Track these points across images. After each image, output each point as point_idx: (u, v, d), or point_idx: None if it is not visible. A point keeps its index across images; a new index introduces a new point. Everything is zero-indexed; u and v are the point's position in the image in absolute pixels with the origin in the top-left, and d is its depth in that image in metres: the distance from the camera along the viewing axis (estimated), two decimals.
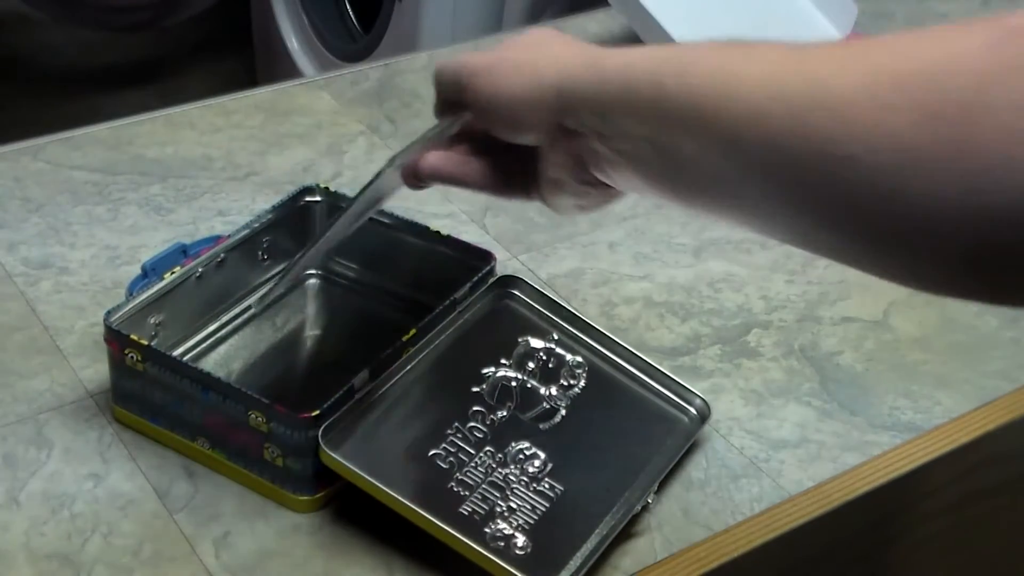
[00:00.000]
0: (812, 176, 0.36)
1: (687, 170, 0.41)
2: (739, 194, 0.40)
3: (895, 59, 0.36)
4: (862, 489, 0.63)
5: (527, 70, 0.46)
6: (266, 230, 0.68)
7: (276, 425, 0.56)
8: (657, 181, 0.43)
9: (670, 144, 0.41)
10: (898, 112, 0.34)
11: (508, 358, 0.63)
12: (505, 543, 0.54)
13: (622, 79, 0.42)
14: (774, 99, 0.37)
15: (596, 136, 0.43)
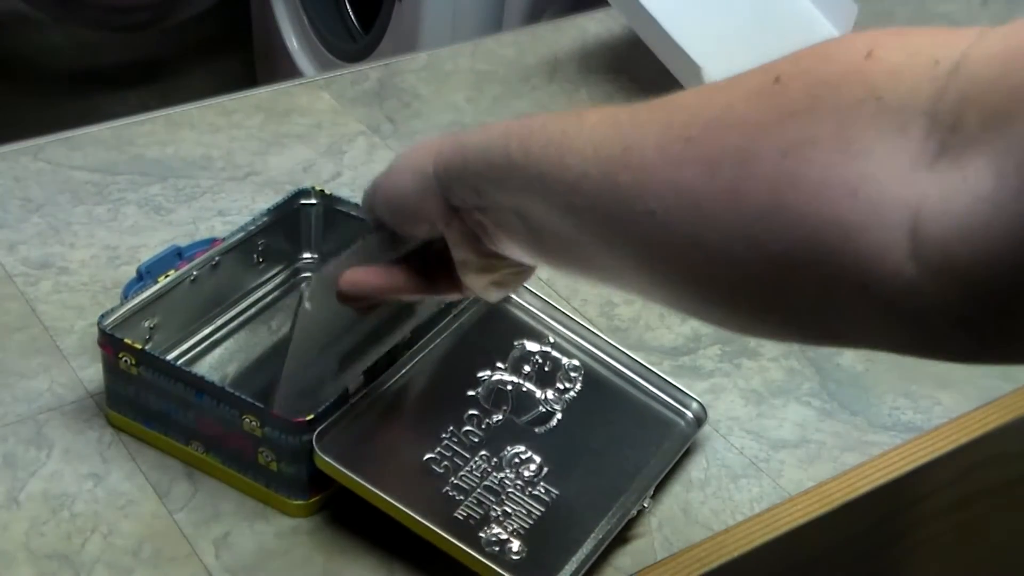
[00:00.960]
0: (629, 234, 0.39)
1: (545, 234, 0.44)
2: (587, 255, 0.43)
3: (688, 114, 0.38)
4: (862, 489, 0.63)
5: (414, 166, 0.49)
6: (261, 233, 0.68)
7: (270, 429, 0.56)
8: (528, 247, 0.46)
9: (526, 210, 0.44)
10: (685, 166, 0.37)
11: (504, 361, 0.63)
12: (500, 548, 0.54)
13: (481, 152, 0.45)
14: (593, 164, 0.40)
15: (475, 209, 0.46)
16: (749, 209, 0.35)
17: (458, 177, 0.46)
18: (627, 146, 0.39)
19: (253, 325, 0.68)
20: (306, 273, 0.72)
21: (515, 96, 0.95)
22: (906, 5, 1.12)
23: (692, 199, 0.36)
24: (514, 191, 0.44)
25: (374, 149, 0.87)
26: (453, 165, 0.46)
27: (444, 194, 0.47)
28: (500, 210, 0.45)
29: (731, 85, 0.38)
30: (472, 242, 0.48)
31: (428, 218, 0.48)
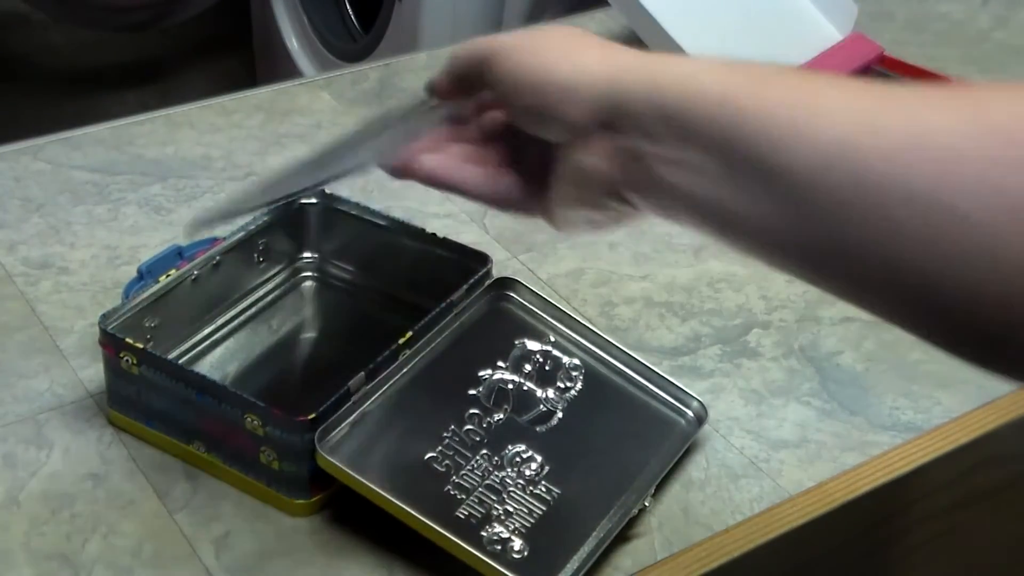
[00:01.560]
0: (907, 223, 0.33)
1: (744, 191, 0.37)
2: (805, 233, 0.36)
3: (1003, 108, 0.33)
4: (862, 489, 0.63)
5: (572, 55, 0.41)
6: (262, 232, 0.68)
7: (272, 428, 0.56)
8: (701, 199, 0.39)
9: (738, 157, 0.37)
10: (1007, 168, 0.32)
11: (504, 361, 0.63)
12: (502, 547, 0.54)
13: (686, 85, 0.38)
14: (866, 129, 0.34)
15: (644, 137, 0.39)
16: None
17: (644, 98, 0.39)
18: (917, 120, 0.34)
19: (254, 324, 0.68)
20: (306, 272, 0.72)
21: None
22: (906, 5, 1.12)
23: (1011, 205, 0.32)
24: (725, 139, 0.37)
25: None
26: (637, 86, 0.39)
27: (607, 107, 0.40)
28: (686, 152, 0.38)
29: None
30: (605, 170, 0.41)
31: (569, 120, 0.41)
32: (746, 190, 0.37)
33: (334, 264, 0.72)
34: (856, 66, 0.94)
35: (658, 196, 0.40)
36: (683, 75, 0.39)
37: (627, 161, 0.40)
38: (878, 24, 1.06)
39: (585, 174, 0.42)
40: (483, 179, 0.47)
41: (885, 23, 1.07)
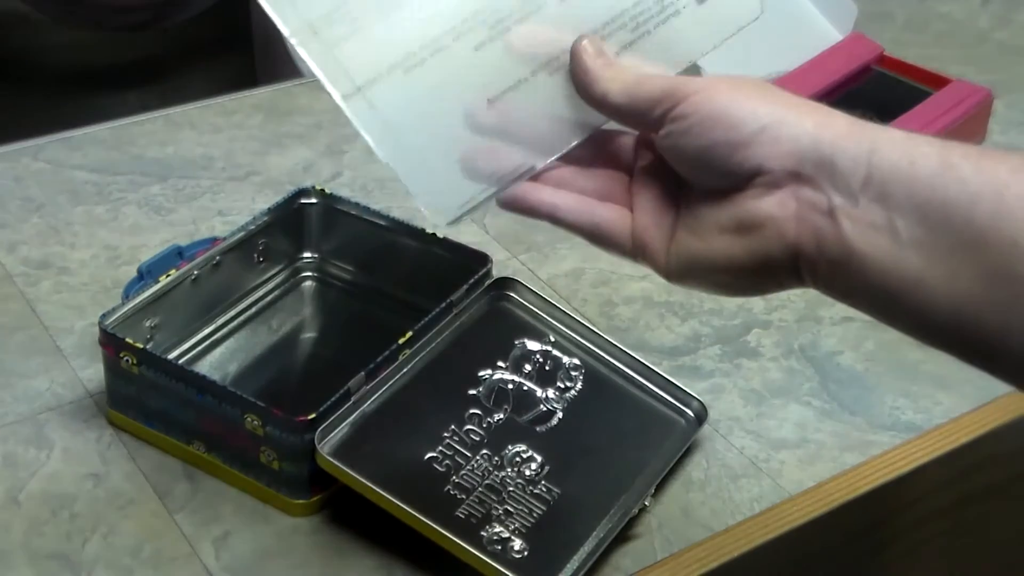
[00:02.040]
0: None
1: (944, 263, 0.35)
2: (1012, 315, 0.34)
3: None
4: (862, 489, 0.63)
5: (777, 100, 0.39)
6: (262, 232, 0.68)
7: (272, 428, 0.56)
8: (890, 267, 0.36)
9: (945, 224, 0.35)
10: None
11: (504, 360, 0.63)
12: (502, 547, 0.54)
13: (904, 149, 0.37)
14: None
15: (844, 194, 0.37)
16: None
17: (854, 157, 0.37)
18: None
19: (254, 324, 0.68)
20: (306, 272, 0.72)
21: None
22: (906, 5, 1.12)
23: None
24: (934, 205, 0.35)
25: None
26: (853, 143, 0.37)
27: (811, 159, 0.38)
28: (883, 216, 0.36)
29: None
30: (782, 222, 0.38)
31: (763, 162, 0.38)
32: (950, 262, 0.35)
33: (334, 264, 0.72)
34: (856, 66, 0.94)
35: (838, 260, 0.38)
36: (902, 141, 0.38)
37: (814, 216, 0.38)
38: (878, 24, 1.05)
39: (758, 224, 0.39)
40: (610, 216, 0.44)
41: (885, 23, 1.07)
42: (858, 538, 0.67)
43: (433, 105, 0.43)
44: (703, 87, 0.40)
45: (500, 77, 0.43)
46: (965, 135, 0.91)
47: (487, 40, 0.43)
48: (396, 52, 0.42)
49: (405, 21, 0.43)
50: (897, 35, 1.05)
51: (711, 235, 0.41)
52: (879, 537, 0.69)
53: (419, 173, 0.43)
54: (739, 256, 0.40)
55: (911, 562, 0.73)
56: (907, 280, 0.36)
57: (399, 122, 0.42)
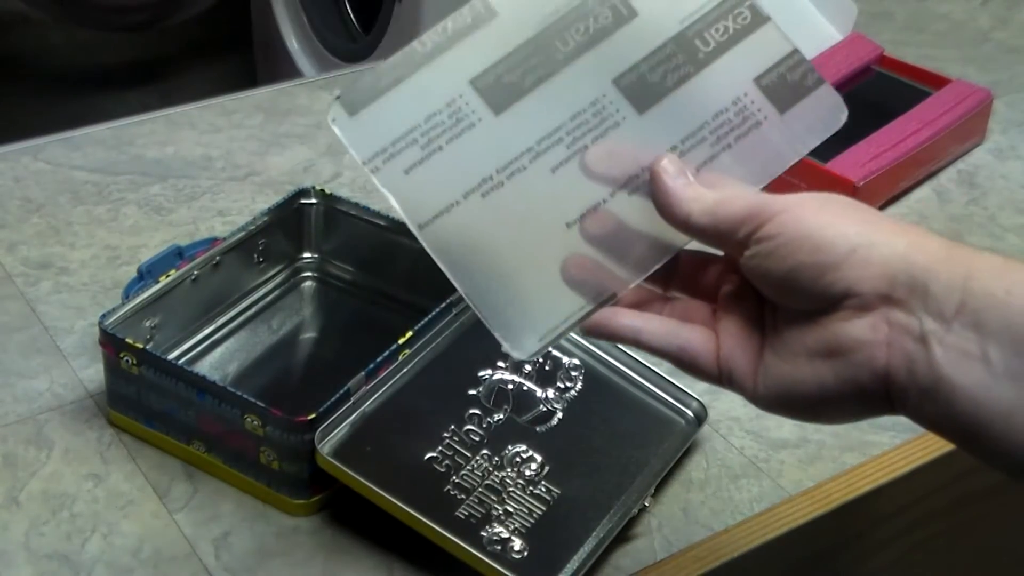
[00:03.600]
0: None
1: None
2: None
3: None
4: (862, 489, 0.63)
5: (865, 220, 0.38)
6: (262, 232, 0.68)
7: (272, 429, 0.56)
8: (980, 396, 0.36)
9: None
10: None
11: (504, 361, 0.63)
12: (502, 547, 0.54)
13: (1000, 277, 0.36)
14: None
15: (936, 318, 0.36)
16: None
17: (948, 282, 0.36)
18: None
19: (254, 324, 0.68)
20: (306, 272, 0.72)
21: None
22: (906, 5, 1.12)
23: None
24: None
25: None
26: (947, 268, 0.37)
27: (903, 283, 0.37)
28: (976, 343, 0.36)
29: None
30: (874, 345, 0.37)
31: (851, 284, 0.37)
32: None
33: (334, 264, 0.72)
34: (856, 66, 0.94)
35: (928, 387, 0.37)
36: (998, 267, 0.37)
37: (905, 341, 0.37)
38: (878, 24, 1.05)
39: (848, 348, 0.38)
40: (696, 339, 0.43)
41: (885, 23, 1.07)
42: (858, 538, 0.67)
43: (511, 231, 0.41)
44: (790, 206, 0.39)
45: (580, 199, 0.42)
46: (965, 135, 0.91)
47: (565, 159, 0.42)
48: (472, 177, 0.41)
49: (479, 143, 0.41)
50: (897, 35, 1.05)
51: (799, 360, 0.40)
52: (879, 537, 0.69)
53: (497, 306, 0.41)
54: (828, 382, 0.39)
55: (911, 563, 0.73)
56: (998, 412, 0.35)
57: (475, 250, 0.41)
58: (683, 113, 0.42)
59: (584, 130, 0.42)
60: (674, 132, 0.42)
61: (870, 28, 1.00)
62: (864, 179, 0.81)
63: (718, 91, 0.43)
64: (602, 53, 0.43)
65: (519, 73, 0.42)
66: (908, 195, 0.87)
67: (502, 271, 0.41)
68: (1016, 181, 0.89)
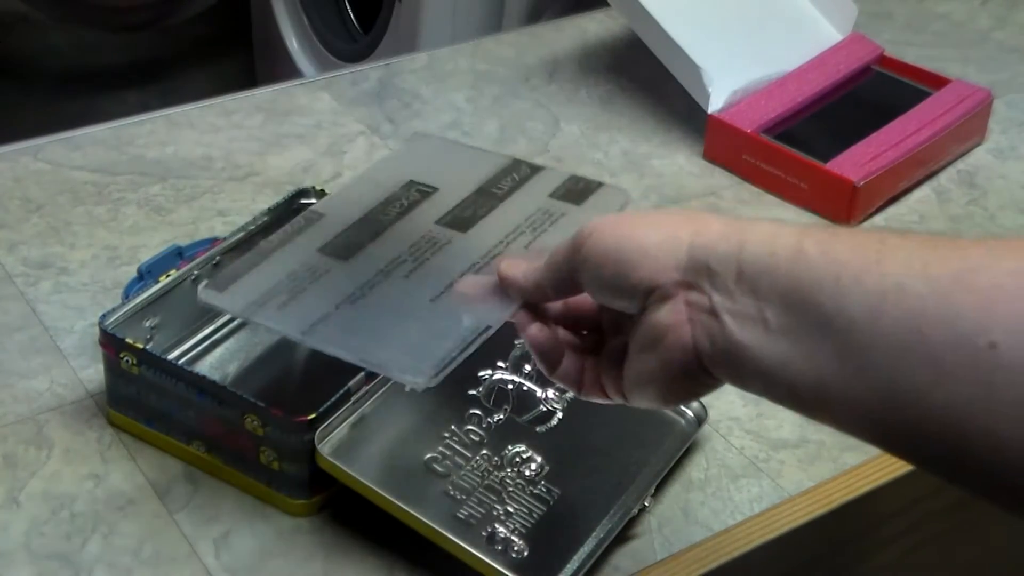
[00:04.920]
0: (950, 364, 0.34)
1: (806, 343, 0.38)
2: (862, 387, 0.37)
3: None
4: (862, 489, 0.63)
5: (661, 224, 0.43)
6: (261, 233, 0.68)
7: (272, 429, 0.56)
8: (766, 354, 0.39)
9: (801, 306, 0.38)
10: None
11: (504, 360, 0.63)
12: (502, 547, 0.54)
13: (765, 242, 0.40)
14: (919, 276, 0.35)
15: (722, 293, 0.40)
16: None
17: (725, 256, 0.40)
18: (970, 267, 0.35)
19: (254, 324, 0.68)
20: None
21: (515, 96, 0.95)
22: (906, 5, 1.12)
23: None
24: (790, 290, 0.38)
25: (374, 149, 0.87)
26: (723, 243, 0.41)
27: (690, 267, 0.41)
28: (754, 306, 0.39)
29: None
30: (680, 327, 0.42)
31: (651, 281, 0.42)
32: (806, 342, 0.38)
33: None
34: (856, 66, 0.94)
35: (727, 352, 0.41)
36: (765, 233, 0.40)
37: (703, 317, 0.41)
38: (878, 24, 1.06)
39: (661, 333, 0.42)
40: (572, 366, 0.48)
41: (885, 23, 1.07)
42: (857, 538, 0.67)
43: (385, 314, 0.49)
44: (595, 228, 0.44)
45: (437, 283, 0.50)
46: (965, 135, 0.91)
47: (414, 268, 0.51)
48: (338, 296, 0.49)
49: (338, 279, 0.50)
50: (897, 35, 1.05)
51: (638, 358, 0.44)
52: (879, 537, 0.69)
53: (389, 359, 0.48)
54: (656, 368, 0.43)
55: (911, 563, 0.73)
56: (776, 364, 0.39)
57: (357, 333, 0.48)
58: (500, 224, 0.53)
59: (422, 251, 0.52)
60: (498, 234, 0.53)
61: (870, 28, 1.00)
62: (864, 179, 0.81)
63: (522, 208, 0.54)
64: (422, 211, 0.54)
65: (356, 236, 0.53)
66: (908, 195, 0.87)
67: (385, 337, 0.48)
68: (1016, 181, 0.89)
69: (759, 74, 0.90)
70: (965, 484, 0.36)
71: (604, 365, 0.48)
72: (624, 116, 0.93)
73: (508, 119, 0.92)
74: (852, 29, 0.96)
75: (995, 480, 0.35)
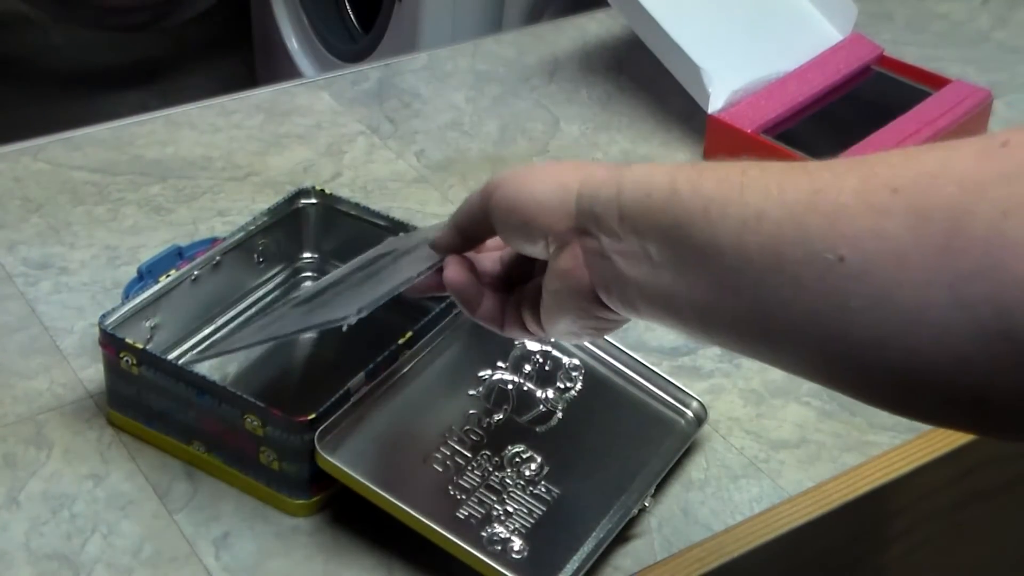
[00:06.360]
0: (806, 279, 0.37)
1: (684, 274, 0.41)
2: (735, 306, 0.40)
3: (891, 168, 0.37)
4: (862, 489, 0.63)
5: (553, 176, 0.47)
6: (262, 233, 0.68)
7: (272, 429, 0.56)
8: (652, 286, 0.43)
9: (677, 241, 0.41)
10: (890, 216, 0.35)
11: (504, 361, 0.63)
12: (502, 547, 0.54)
13: (641, 182, 0.43)
14: (775, 203, 0.38)
15: (609, 236, 0.44)
16: (961, 267, 0.33)
17: (607, 201, 0.44)
18: (819, 189, 0.38)
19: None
20: (306, 272, 0.72)
21: (515, 96, 0.95)
22: (906, 5, 1.12)
23: (894, 250, 0.35)
24: (671, 222, 0.41)
25: (374, 149, 0.87)
26: (605, 189, 0.44)
27: (579, 214, 0.45)
28: (640, 239, 0.43)
29: (946, 145, 0.37)
30: (578, 271, 0.45)
31: (549, 230, 0.46)
32: (686, 272, 0.41)
33: (334, 264, 0.72)
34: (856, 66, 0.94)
35: (620, 290, 0.44)
36: (642, 176, 0.44)
37: (596, 260, 0.45)
38: (878, 24, 1.06)
39: (563, 277, 0.46)
40: (492, 308, 0.52)
41: (885, 23, 1.07)
42: (857, 539, 0.67)
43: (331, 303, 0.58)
44: (499, 183, 0.48)
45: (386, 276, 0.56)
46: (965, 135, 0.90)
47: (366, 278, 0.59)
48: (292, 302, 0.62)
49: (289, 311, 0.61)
50: (897, 35, 1.05)
51: (547, 295, 0.48)
52: (878, 538, 0.69)
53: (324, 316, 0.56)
54: (565, 306, 0.47)
55: (911, 562, 0.73)
56: (663, 296, 0.42)
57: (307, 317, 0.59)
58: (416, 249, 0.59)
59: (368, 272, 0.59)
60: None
61: (870, 28, 1.00)
62: None
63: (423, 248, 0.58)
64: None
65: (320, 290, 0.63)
66: None
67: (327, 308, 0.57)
68: None
69: (759, 74, 0.90)
70: (837, 386, 0.39)
71: (525, 304, 0.51)
72: (624, 116, 0.93)
73: (508, 119, 0.92)
74: (852, 29, 0.96)
75: (855, 378, 0.38)
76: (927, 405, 0.37)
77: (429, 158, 0.86)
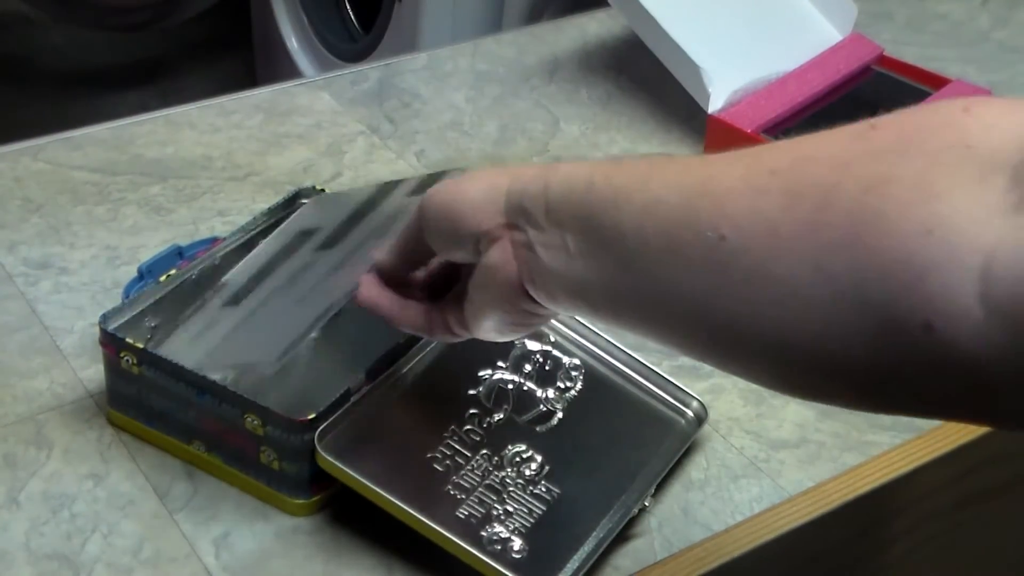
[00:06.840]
0: (691, 260, 0.40)
1: (597, 261, 0.44)
2: (633, 291, 0.43)
3: (775, 153, 0.40)
4: (862, 489, 0.63)
5: (485, 179, 0.49)
6: (262, 233, 0.68)
7: (272, 428, 0.56)
8: (569, 279, 0.45)
9: (591, 230, 0.44)
10: (767, 195, 0.38)
11: (505, 360, 0.63)
12: (502, 547, 0.54)
13: (564, 179, 0.46)
14: (674, 190, 0.41)
15: (535, 228, 0.46)
16: (825, 240, 0.35)
17: (535, 196, 0.46)
18: (711, 175, 0.40)
19: None
20: None
21: (515, 96, 0.95)
22: (906, 5, 1.12)
23: (769, 226, 0.37)
24: (583, 217, 0.44)
25: (374, 149, 0.87)
26: (533, 186, 0.46)
27: (509, 210, 0.47)
28: (562, 231, 0.45)
29: (829, 132, 0.39)
30: (506, 264, 0.47)
31: (479, 228, 0.48)
32: (596, 259, 0.44)
33: None
34: (856, 66, 0.94)
35: (543, 280, 0.46)
36: (567, 172, 0.46)
37: (523, 252, 0.46)
38: (878, 24, 1.06)
39: (492, 272, 0.48)
40: (412, 316, 0.54)
41: (885, 23, 1.07)
42: (858, 539, 0.67)
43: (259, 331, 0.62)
44: (431, 194, 0.50)
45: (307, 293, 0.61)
46: None
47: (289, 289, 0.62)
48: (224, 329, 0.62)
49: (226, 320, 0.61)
50: (897, 35, 1.05)
51: (473, 293, 0.50)
52: (879, 538, 0.69)
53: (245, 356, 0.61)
54: (492, 301, 0.48)
55: (911, 562, 0.73)
56: (578, 282, 0.45)
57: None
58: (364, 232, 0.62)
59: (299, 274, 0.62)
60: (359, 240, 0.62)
61: (870, 28, 1.00)
62: None
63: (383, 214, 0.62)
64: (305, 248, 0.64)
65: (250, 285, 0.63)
66: None
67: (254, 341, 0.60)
68: None
69: (759, 74, 0.90)
70: (727, 365, 0.42)
71: (449, 308, 0.53)
72: (624, 116, 0.93)
73: (508, 119, 0.92)
74: (852, 29, 0.96)
75: (740, 355, 0.40)
76: (803, 381, 0.39)
77: (429, 158, 0.86)
